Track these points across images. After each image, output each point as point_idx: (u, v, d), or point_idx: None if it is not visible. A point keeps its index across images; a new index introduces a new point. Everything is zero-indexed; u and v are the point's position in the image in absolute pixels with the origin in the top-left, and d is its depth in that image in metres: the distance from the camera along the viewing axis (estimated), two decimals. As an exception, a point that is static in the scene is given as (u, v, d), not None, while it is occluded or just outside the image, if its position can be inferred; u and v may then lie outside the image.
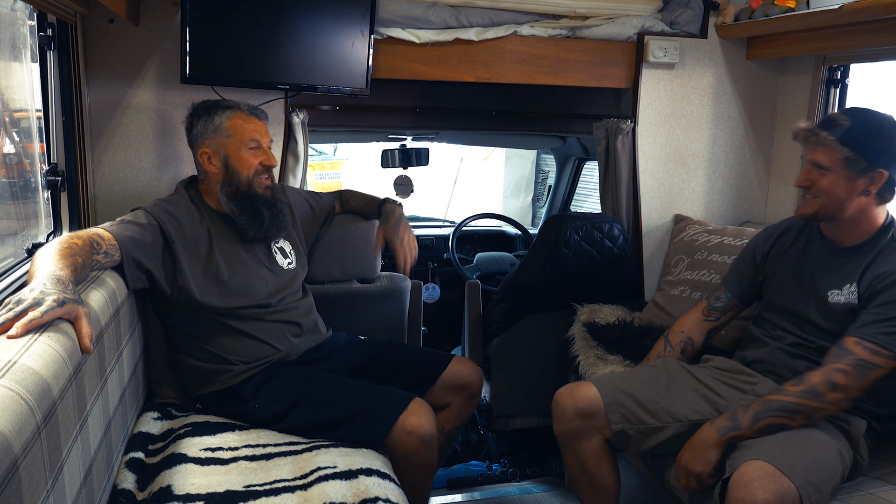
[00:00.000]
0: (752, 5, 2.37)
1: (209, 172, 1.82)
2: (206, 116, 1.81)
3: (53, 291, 1.18)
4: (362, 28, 2.13)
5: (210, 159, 1.80)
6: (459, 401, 1.95)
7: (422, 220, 3.98)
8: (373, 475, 1.48)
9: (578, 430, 1.76)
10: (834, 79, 2.43)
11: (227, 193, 1.81)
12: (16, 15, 1.68)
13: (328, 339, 1.97)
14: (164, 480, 1.43)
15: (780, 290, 1.81)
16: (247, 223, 1.81)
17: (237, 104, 1.84)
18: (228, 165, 1.80)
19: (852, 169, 1.60)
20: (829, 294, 1.68)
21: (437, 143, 3.63)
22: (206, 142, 1.80)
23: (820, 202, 1.67)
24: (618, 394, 1.74)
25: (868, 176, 1.61)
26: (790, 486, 1.38)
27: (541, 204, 4.77)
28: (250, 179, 1.81)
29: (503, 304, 2.58)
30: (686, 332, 1.96)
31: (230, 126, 1.80)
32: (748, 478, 1.40)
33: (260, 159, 1.82)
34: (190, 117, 1.85)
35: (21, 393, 0.94)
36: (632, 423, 1.71)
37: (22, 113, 1.80)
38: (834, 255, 1.72)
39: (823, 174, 1.64)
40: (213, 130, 1.80)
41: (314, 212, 2.11)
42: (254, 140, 1.81)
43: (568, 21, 2.39)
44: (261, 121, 1.85)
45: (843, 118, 1.62)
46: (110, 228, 1.60)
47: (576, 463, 1.81)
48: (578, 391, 1.76)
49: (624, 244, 2.54)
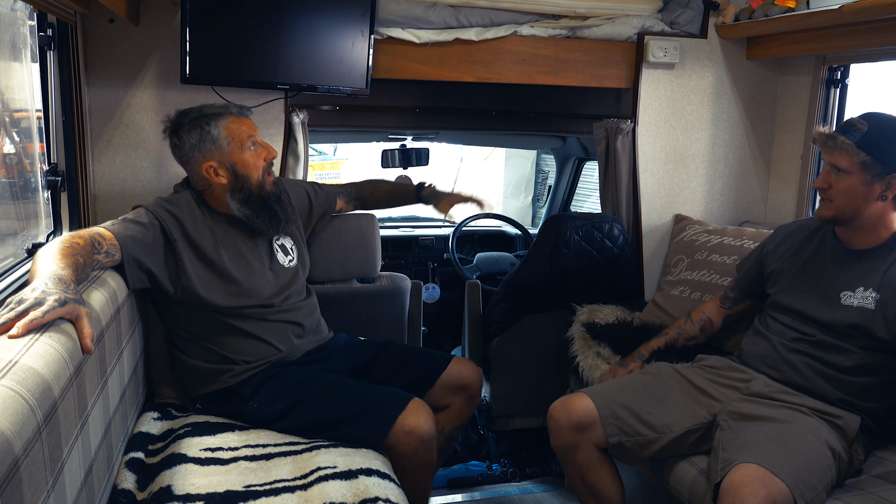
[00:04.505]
0: (752, 5, 2.37)
1: (216, 184, 1.78)
2: (198, 129, 1.74)
3: (55, 291, 1.18)
4: (362, 28, 2.13)
5: (217, 171, 1.76)
6: (459, 401, 1.95)
7: (422, 220, 3.97)
8: (373, 475, 1.48)
9: (575, 442, 1.76)
10: (834, 79, 2.43)
11: (240, 199, 1.78)
12: (16, 15, 1.68)
13: (329, 340, 1.96)
14: (164, 480, 1.43)
15: (787, 288, 1.82)
16: (262, 224, 1.80)
17: (225, 109, 1.78)
18: (237, 173, 1.77)
19: (868, 173, 1.61)
20: (842, 295, 1.68)
21: (437, 143, 3.63)
22: (206, 155, 1.75)
23: (837, 206, 1.67)
24: (613, 406, 1.73)
25: (885, 181, 1.62)
26: (781, 488, 1.38)
27: (541, 204, 4.77)
28: (261, 181, 1.79)
29: (503, 304, 2.58)
30: (707, 314, 2.08)
31: (227, 133, 1.75)
32: (738, 483, 1.40)
33: (262, 156, 1.81)
34: (176, 132, 1.77)
35: (22, 393, 0.94)
36: (628, 435, 1.71)
37: (22, 113, 1.80)
38: (847, 257, 1.73)
39: (841, 178, 1.65)
40: (212, 142, 1.74)
41: (311, 205, 2.08)
42: (251, 138, 1.79)
43: (568, 21, 2.39)
44: (249, 118, 1.82)
45: (861, 123, 1.62)
46: (111, 228, 1.59)
47: (576, 475, 1.81)
48: (572, 404, 1.76)
49: (624, 244, 2.54)
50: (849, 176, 1.63)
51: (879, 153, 1.60)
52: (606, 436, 1.72)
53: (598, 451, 1.76)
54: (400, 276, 2.38)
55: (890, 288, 1.62)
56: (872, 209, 1.65)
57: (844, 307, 1.67)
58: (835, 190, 1.66)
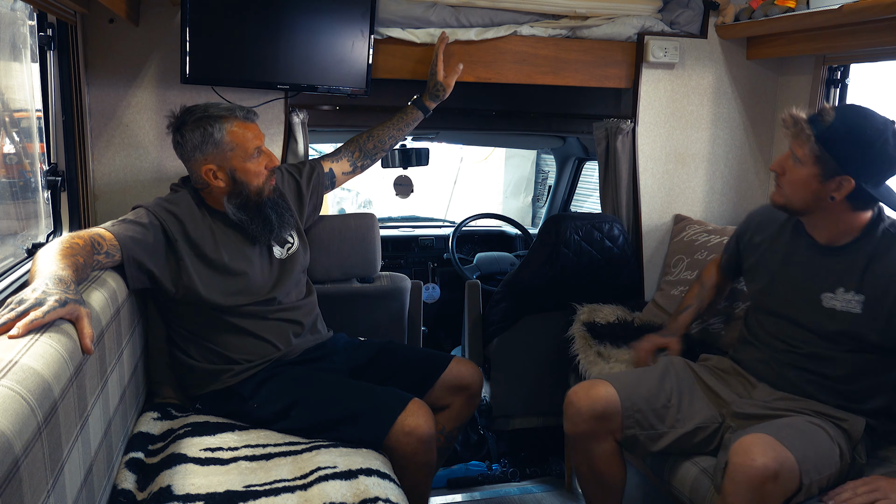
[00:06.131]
0: (752, 5, 2.37)
1: (215, 186, 1.76)
2: (201, 130, 1.71)
3: (55, 291, 1.18)
4: (362, 28, 2.13)
5: (216, 175, 1.74)
6: (459, 401, 1.95)
7: (422, 220, 3.98)
8: (373, 475, 1.48)
9: (592, 431, 1.72)
10: (834, 79, 2.43)
11: (236, 204, 1.76)
12: (16, 15, 1.68)
13: (328, 339, 1.96)
14: (164, 480, 1.43)
15: (769, 289, 1.77)
16: (256, 230, 1.78)
17: (230, 111, 1.75)
18: (236, 179, 1.75)
19: (822, 168, 1.53)
20: (823, 297, 1.63)
21: (437, 143, 3.63)
22: (207, 157, 1.73)
23: (786, 195, 1.61)
24: (635, 398, 1.70)
25: (836, 180, 1.53)
26: (789, 456, 1.39)
27: (541, 204, 4.77)
28: (260, 188, 1.78)
29: (503, 304, 2.58)
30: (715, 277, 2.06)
31: (231, 139, 1.73)
32: (748, 444, 1.41)
33: (265, 164, 1.78)
34: (178, 129, 1.76)
35: (22, 393, 0.94)
36: (643, 428, 1.69)
37: (22, 113, 1.80)
38: (820, 255, 1.66)
39: (795, 166, 1.57)
40: (214, 145, 1.72)
41: (299, 183, 2.02)
42: (256, 148, 1.76)
43: (568, 21, 2.39)
44: (255, 123, 1.79)
45: (829, 113, 1.53)
46: (111, 228, 1.59)
47: (585, 462, 1.79)
48: (596, 392, 1.70)
49: (624, 244, 2.54)
50: (802, 167, 1.55)
51: (835, 150, 1.50)
52: (623, 427, 1.69)
53: (613, 442, 1.73)
54: (400, 276, 2.38)
55: (875, 289, 1.56)
56: (826, 207, 1.57)
57: (827, 310, 1.62)
58: (787, 178, 1.59)
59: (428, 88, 2.20)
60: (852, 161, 1.51)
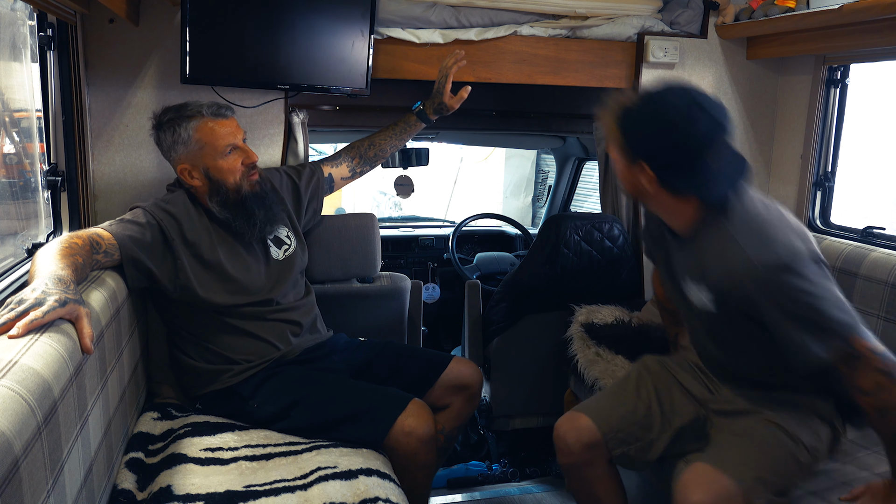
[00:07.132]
0: (752, 5, 2.37)
1: (192, 185, 1.76)
2: (171, 130, 1.72)
3: (55, 291, 1.18)
4: (362, 28, 2.13)
5: (191, 174, 1.74)
6: (459, 401, 1.95)
7: (422, 220, 3.98)
8: (373, 475, 1.48)
9: (584, 460, 1.72)
10: (834, 79, 2.43)
11: (218, 202, 1.76)
12: (16, 15, 1.68)
13: (328, 339, 1.96)
14: (164, 480, 1.43)
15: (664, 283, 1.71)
16: (241, 226, 1.77)
17: (199, 109, 1.73)
18: (211, 177, 1.74)
19: (623, 154, 1.42)
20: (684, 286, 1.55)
21: (437, 143, 3.64)
22: (180, 157, 1.73)
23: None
24: (613, 421, 1.69)
25: (637, 166, 1.40)
26: (728, 486, 1.39)
27: (541, 204, 4.77)
28: (238, 184, 1.76)
29: (503, 304, 2.58)
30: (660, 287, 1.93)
31: (200, 137, 1.72)
32: (686, 480, 1.43)
33: (241, 160, 1.76)
34: (154, 129, 1.77)
35: (22, 393, 0.94)
36: (630, 443, 1.69)
37: (22, 113, 1.80)
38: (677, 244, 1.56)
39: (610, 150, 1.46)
40: (183, 144, 1.72)
41: (297, 185, 2.02)
42: (229, 145, 1.74)
43: (568, 21, 2.39)
44: (229, 118, 1.77)
45: (632, 95, 1.40)
46: (110, 228, 1.60)
47: (583, 489, 1.79)
48: (579, 423, 1.70)
49: (624, 244, 2.54)
50: (613, 151, 1.44)
51: (627, 133, 1.39)
52: (610, 450, 1.70)
53: (607, 464, 1.74)
54: (400, 276, 2.38)
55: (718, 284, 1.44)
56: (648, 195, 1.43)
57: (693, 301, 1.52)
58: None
59: (432, 101, 2.15)
60: (641, 146, 1.40)
